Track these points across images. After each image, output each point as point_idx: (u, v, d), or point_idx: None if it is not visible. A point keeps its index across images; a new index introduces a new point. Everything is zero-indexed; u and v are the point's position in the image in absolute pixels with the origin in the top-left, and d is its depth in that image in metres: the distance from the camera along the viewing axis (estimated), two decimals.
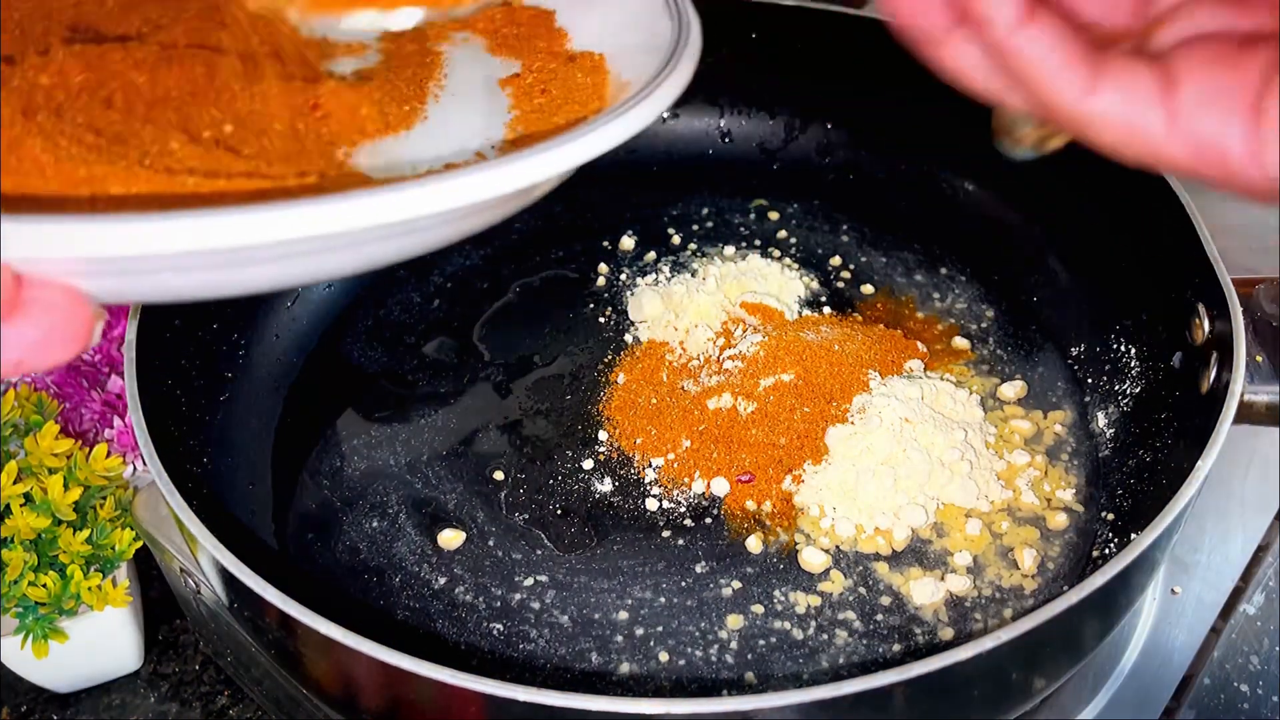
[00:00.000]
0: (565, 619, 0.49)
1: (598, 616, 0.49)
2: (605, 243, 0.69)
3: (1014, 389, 0.59)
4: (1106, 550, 0.51)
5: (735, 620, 0.49)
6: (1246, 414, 0.48)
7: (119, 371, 0.59)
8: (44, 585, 0.49)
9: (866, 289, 0.66)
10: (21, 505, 0.49)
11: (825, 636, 0.48)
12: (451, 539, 0.52)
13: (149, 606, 0.57)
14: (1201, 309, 0.51)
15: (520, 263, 0.68)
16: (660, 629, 0.49)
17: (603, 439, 0.57)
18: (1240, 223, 0.77)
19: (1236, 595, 0.57)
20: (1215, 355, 0.49)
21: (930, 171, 0.70)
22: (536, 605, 0.50)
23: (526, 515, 0.53)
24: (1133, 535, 0.43)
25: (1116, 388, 0.57)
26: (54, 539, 0.50)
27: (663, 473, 0.55)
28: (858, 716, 0.36)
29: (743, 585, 0.50)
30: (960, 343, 0.62)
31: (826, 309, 0.64)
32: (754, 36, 0.72)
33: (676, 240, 0.69)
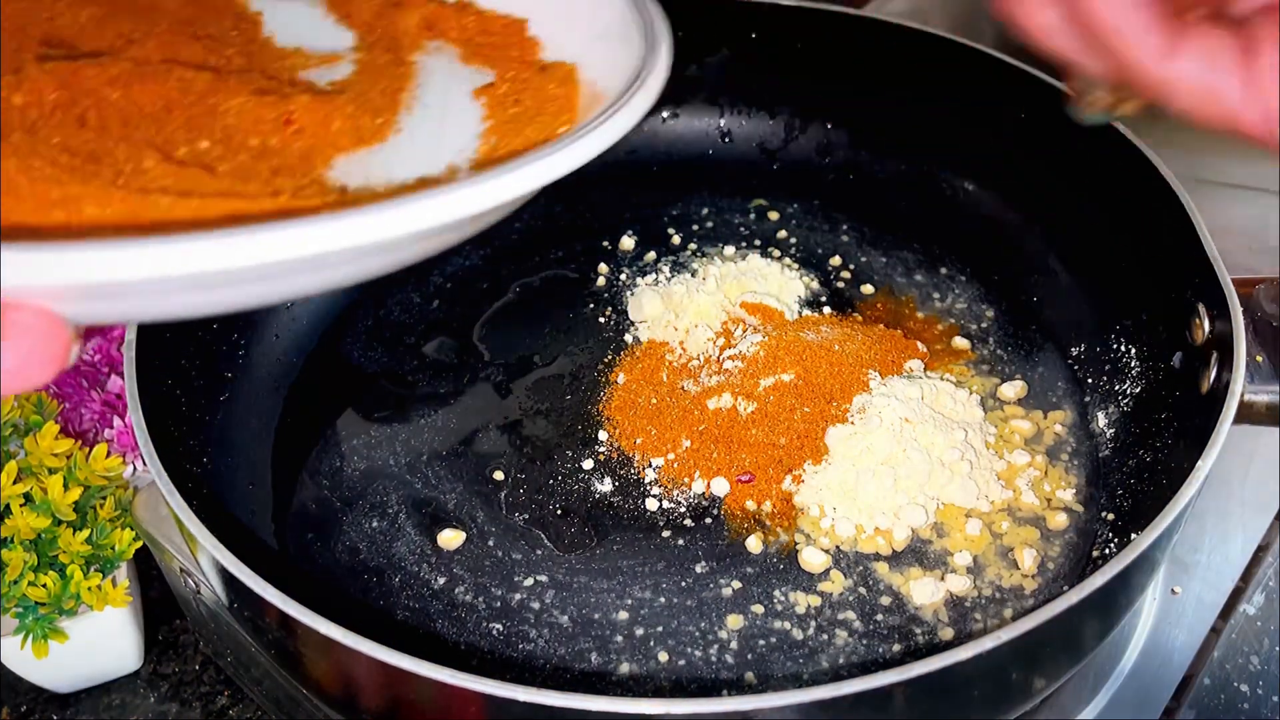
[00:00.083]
0: (565, 619, 0.49)
1: (597, 616, 0.49)
2: (605, 243, 0.69)
3: (1014, 389, 0.59)
4: (1106, 550, 0.51)
5: (735, 620, 0.49)
6: (1246, 414, 0.48)
7: (119, 371, 0.59)
8: (44, 585, 0.49)
9: (866, 289, 0.66)
10: (21, 505, 0.49)
11: (825, 636, 0.48)
12: (451, 539, 0.52)
13: (149, 606, 0.57)
14: (1201, 309, 0.51)
15: (520, 263, 0.68)
16: (660, 629, 0.49)
17: (603, 439, 0.57)
18: (1240, 223, 0.77)
19: (1236, 595, 0.57)
20: (1215, 355, 0.49)
21: (930, 171, 0.70)
22: (536, 605, 0.50)
23: (526, 515, 0.53)
24: (1133, 535, 0.43)
25: (1116, 388, 0.57)
26: (54, 539, 0.50)
27: (663, 473, 0.55)
28: (858, 716, 0.36)
29: (743, 585, 0.50)
30: (960, 343, 0.62)
31: (826, 309, 0.64)
32: (754, 36, 0.72)
33: (676, 240, 0.69)
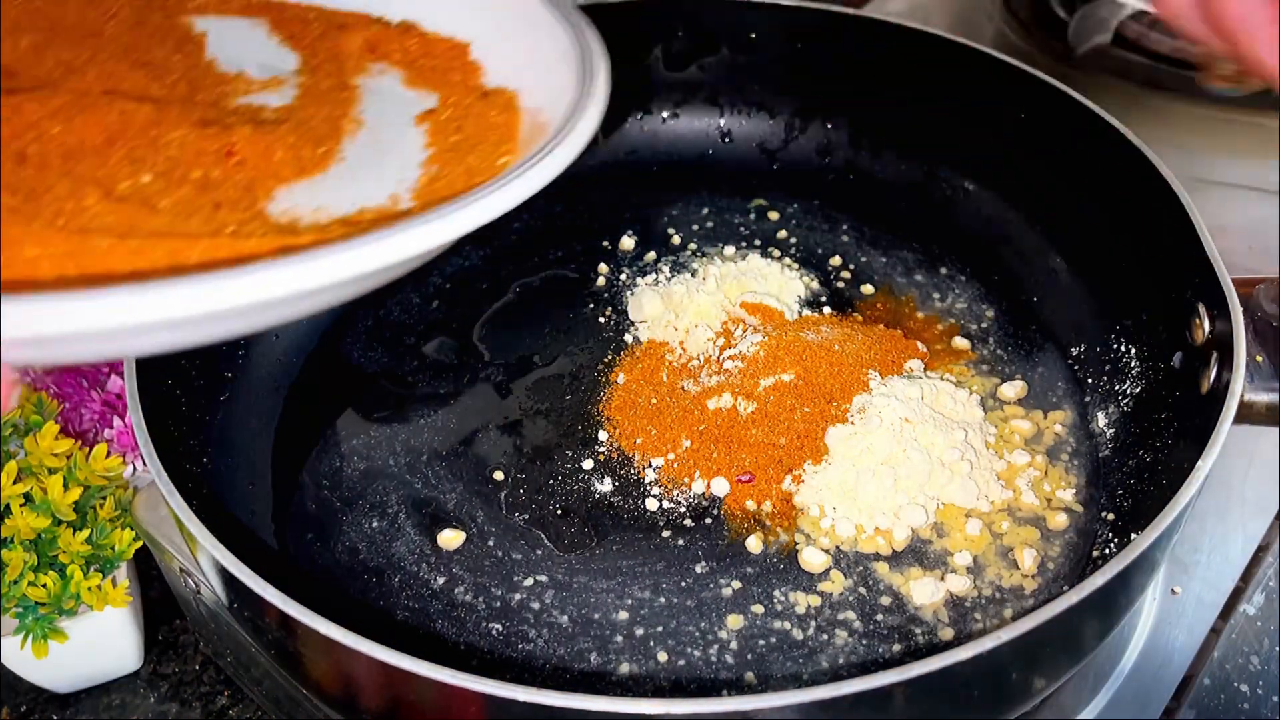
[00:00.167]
0: (565, 619, 0.49)
1: (597, 616, 0.49)
2: (605, 243, 0.69)
3: (1014, 389, 0.59)
4: (1106, 550, 0.51)
5: (735, 620, 0.49)
6: (1246, 414, 0.48)
7: (119, 371, 0.59)
8: (44, 585, 0.49)
9: (866, 289, 0.66)
10: (21, 505, 0.49)
11: (825, 636, 0.48)
12: (451, 539, 0.52)
13: (149, 606, 0.57)
14: (1201, 309, 0.51)
15: (520, 263, 0.68)
16: (660, 629, 0.49)
17: (603, 439, 0.57)
18: (1240, 223, 0.77)
19: (1236, 595, 0.57)
20: (1215, 355, 0.49)
21: (930, 171, 0.70)
22: (536, 605, 0.50)
23: (526, 515, 0.53)
24: (1133, 535, 0.43)
25: (1116, 388, 0.57)
26: (54, 539, 0.50)
27: (663, 473, 0.55)
28: (858, 716, 0.36)
29: (743, 585, 0.50)
30: (960, 343, 0.62)
31: (826, 309, 0.64)
32: (754, 36, 0.72)
33: (676, 240, 0.69)
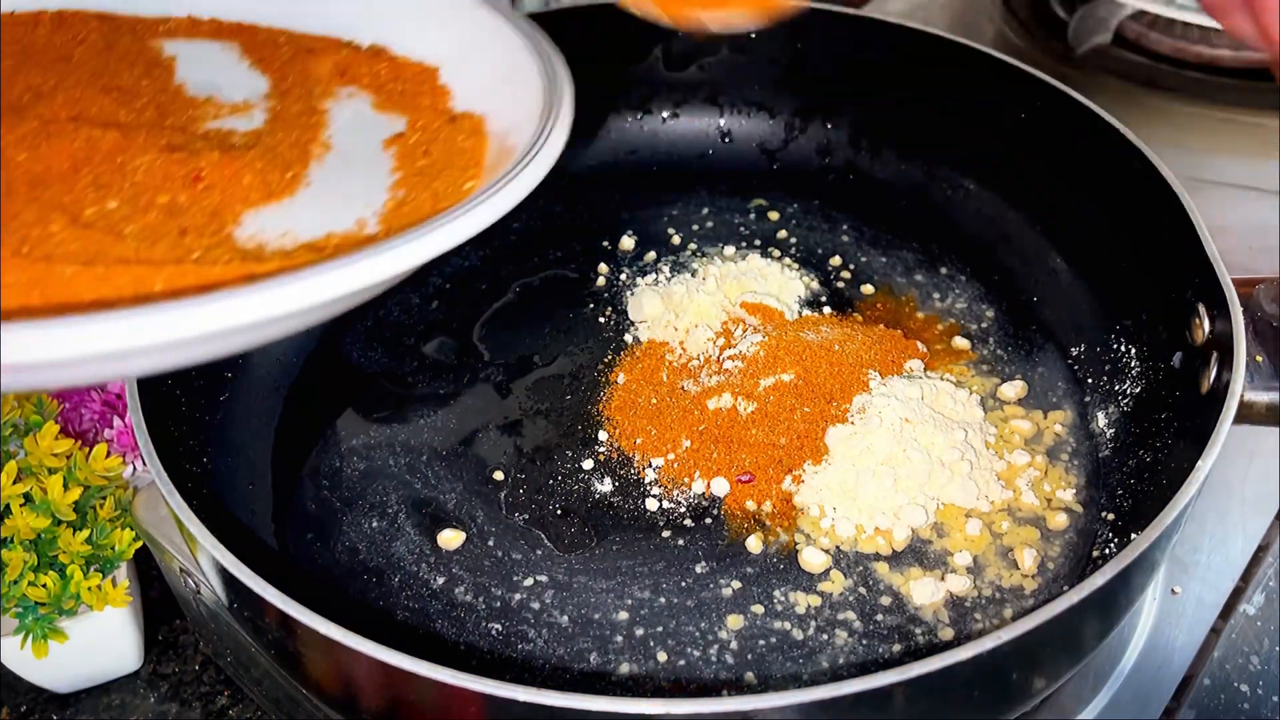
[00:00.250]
0: (565, 619, 0.49)
1: (597, 616, 0.49)
2: (605, 243, 0.69)
3: (1014, 389, 0.59)
4: (1106, 550, 0.51)
5: (735, 620, 0.49)
6: (1246, 414, 0.48)
7: None
8: (44, 585, 0.49)
9: (866, 289, 0.66)
10: (21, 505, 0.49)
11: (825, 636, 0.48)
12: (451, 539, 0.52)
13: (149, 606, 0.57)
14: (1201, 309, 0.51)
15: (520, 263, 0.68)
16: (660, 629, 0.49)
17: (603, 439, 0.57)
18: (1240, 223, 0.77)
19: (1236, 595, 0.57)
20: (1215, 355, 0.49)
21: (930, 171, 0.70)
22: (536, 605, 0.50)
23: (526, 515, 0.53)
24: (1133, 535, 0.43)
25: (1116, 388, 0.57)
26: (54, 539, 0.50)
27: (663, 473, 0.55)
28: (858, 716, 0.36)
29: (743, 585, 0.50)
30: (960, 343, 0.62)
31: (826, 309, 0.64)
32: (754, 36, 0.72)
33: (676, 240, 0.69)
